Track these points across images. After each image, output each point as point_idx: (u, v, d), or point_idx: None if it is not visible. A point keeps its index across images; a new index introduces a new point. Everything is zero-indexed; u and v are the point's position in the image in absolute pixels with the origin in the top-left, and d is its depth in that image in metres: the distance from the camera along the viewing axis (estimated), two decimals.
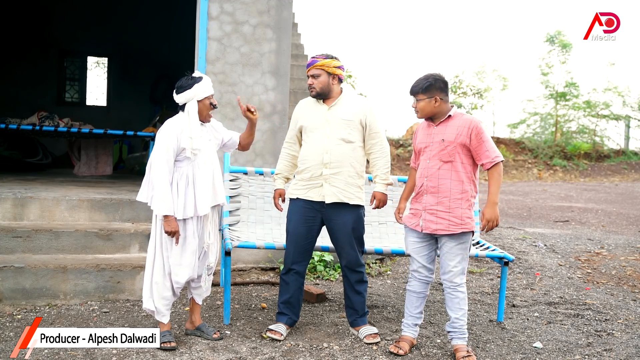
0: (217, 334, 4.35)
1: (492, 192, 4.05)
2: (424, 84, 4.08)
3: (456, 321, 4.15)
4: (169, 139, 4.04)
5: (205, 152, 4.16)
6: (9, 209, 5.77)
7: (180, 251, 4.11)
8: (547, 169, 18.74)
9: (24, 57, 11.67)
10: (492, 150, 4.05)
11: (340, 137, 4.31)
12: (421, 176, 4.15)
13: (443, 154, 4.06)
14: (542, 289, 6.06)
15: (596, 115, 21.17)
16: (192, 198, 4.08)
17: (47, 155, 10.00)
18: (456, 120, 4.10)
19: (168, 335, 4.16)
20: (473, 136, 4.03)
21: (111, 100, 13.02)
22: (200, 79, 4.14)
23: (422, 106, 4.10)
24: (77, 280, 5.07)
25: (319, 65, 4.32)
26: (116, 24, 11.86)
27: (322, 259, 6.38)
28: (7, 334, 4.33)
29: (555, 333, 4.77)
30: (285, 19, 6.36)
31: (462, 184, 4.06)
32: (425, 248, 4.19)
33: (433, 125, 4.15)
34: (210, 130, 4.30)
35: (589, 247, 8.02)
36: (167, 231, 4.02)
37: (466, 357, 4.06)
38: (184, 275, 4.13)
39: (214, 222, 4.33)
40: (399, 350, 4.15)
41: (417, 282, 4.24)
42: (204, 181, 4.12)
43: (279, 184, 4.63)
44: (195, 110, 4.11)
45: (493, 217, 4.03)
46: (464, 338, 4.16)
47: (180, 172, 4.09)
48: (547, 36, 21.44)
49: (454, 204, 4.04)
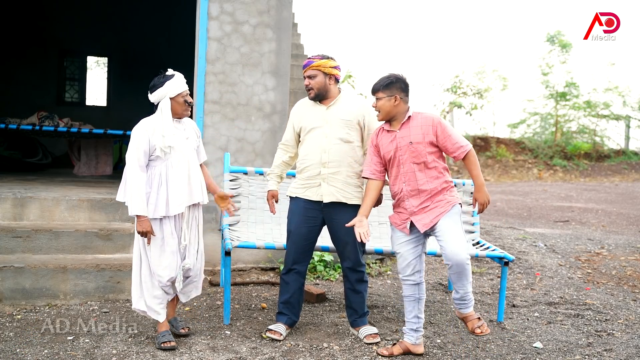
0: (184, 329, 4.33)
1: (476, 176, 4.06)
2: (385, 81, 4.10)
3: (461, 293, 4.04)
4: (139, 139, 4.05)
5: (181, 150, 4.13)
6: (9, 209, 5.77)
7: (159, 252, 4.10)
8: (547, 169, 18.74)
9: (24, 57, 11.66)
10: (460, 140, 4.06)
11: (339, 137, 4.31)
12: (398, 182, 4.12)
13: (414, 156, 4.04)
14: (542, 289, 6.06)
15: (596, 115, 21.15)
16: (165, 197, 4.06)
17: (47, 155, 9.99)
18: (417, 120, 4.09)
19: (167, 335, 4.15)
20: (439, 132, 4.04)
21: (111, 100, 13.01)
22: (172, 77, 4.15)
23: (382, 104, 4.07)
24: (77, 280, 5.07)
25: (315, 66, 4.32)
26: (116, 23, 11.85)
27: (322, 259, 6.37)
28: (7, 334, 4.33)
29: (555, 333, 4.77)
30: (285, 19, 6.36)
31: (438, 179, 4.08)
32: (411, 243, 4.15)
33: (394, 131, 4.12)
34: (188, 129, 4.28)
35: (589, 247, 8.02)
36: (139, 231, 4.02)
37: (480, 325, 4.03)
38: (165, 275, 4.10)
39: (195, 222, 4.27)
40: (384, 351, 4.14)
41: (405, 285, 4.19)
42: (178, 180, 4.09)
43: (272, 185, 4.62)
44: (168, 108, 4.11)
45: (485, 199, 4.07)
46: (470, 306, 4.08)
47: (153, 171, 4.08)
48: (547, 36, 21.43)
49: (437, 197, 4.06)
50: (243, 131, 6.24)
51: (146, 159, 4.06)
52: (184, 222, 4.17)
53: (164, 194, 4.06)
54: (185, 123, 4.28)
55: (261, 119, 6.26)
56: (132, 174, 4.01)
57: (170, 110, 4.12)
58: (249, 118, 6.25)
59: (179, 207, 4.09)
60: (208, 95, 6.14)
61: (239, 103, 6.22)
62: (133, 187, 3.99)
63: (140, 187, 3.99)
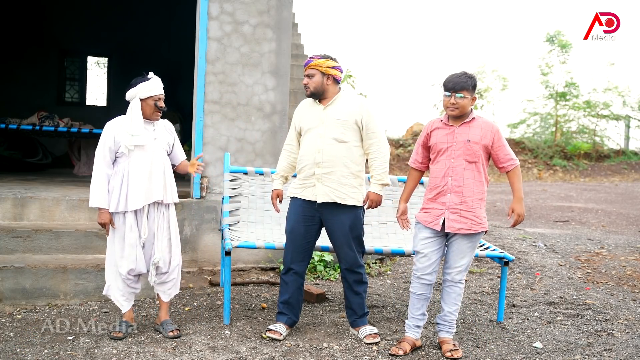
0: (173, 332, 4.38)
1: (518, 189, 4.19)
2: (472, 81, 4.11)
3: (448, 315, 4.26)
4: (105, 136, 4.27)
5: (147, 149, 4.29)
6: (9, 209, 5.77)
7: (121, 244, 4.30)
8: (547, 169, 18.73)
9: (24, 57, 11.66)
10: (511, 154, 4.20)
11: (333, 137, 4.30)
12: (444, 175, 4.15)
13: (469, 154, 4.10)
14: (542, 289, 6.06)
15: (596, 115, 21.13)
16: (125, 193, 4.24)
17: (47, 155, 10.00)
18: (478, 122, 4.16)
19: (122, 325, 4.35)
20: (496, 140, 4.13)
21: (111, 100, 13.00)
22: (147, 79, 4.33)
23: (465, 103, 4.09)
24: (77, 280, 5.07)
25: (313, 65, 4.33)
26: (116, 24, 11.84)
27: (322, 259, 6.38)
28: (7, 333, 4.33)
29: (555, 333, 4.77)
30: (285, 18, 6.36)
31: (482, 185, 4.16)
32: (436, 243, 4.21)
33: (453, 126, 4.16)
34: (159, 130, 4.42)
35: (589, 247, 8.02)
36: (99, 222, 4.28)
37: (453, 350, 4.16)
38: (124, 266, 4.28)
39: (162, 219, 4.39)
40: (399, 350, 4.16)
41: (419, 284, 4.24)
42: (138, 177, 4.25)
43: (276, 185, 4.62)
44: (138, 108, 4.29)
45: (522, 212, 4.18)
46: (451, 332, 4.28)
47: (118, 168, 4.27)
48: (547, 36, 21.39)
49: (476, 204, 4.12)
50: (243, 131, 6.24)
51: (112, 155, 4.28)
52: (144, 217, 4.31)
53: (125, 190, 4.24)
54: (156, 124, 4.42)
55: (261, 119, 6.26)
56: (96, 168, 4.25)
57: (139, 111, 4.29)
58: (249, 118, 6.26)
59: (137, 204, 4.25)
60: (208, 95, 6.15)
61: (239, 103, 6.23)
62: (95, 180, 4.24)
63: (102, 180, 4.23)
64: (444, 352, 4.18)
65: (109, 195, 4.24)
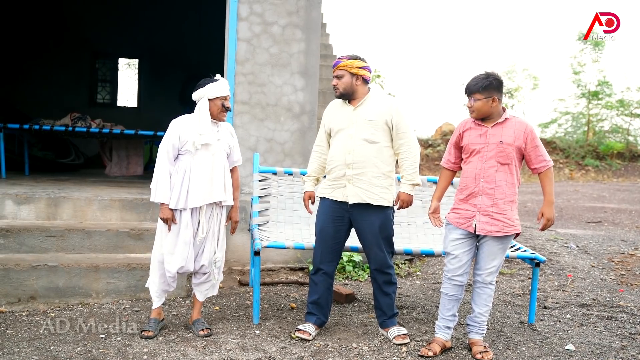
0: (204, 330, 4.41)
1: (549, 192, 4.12)
2: (484, 83, 4.03)
3: (479, 316, 4.23)
4: (170, 133, 4.31)
5: (210, 149, 4.34)
6: (42, 208, 5.87)
7: (174, 240, 4.32)
8: (579, 169, 18.48)
9: (57, 59, 11.86)
10: (545, 155, 4.11)
11: (364, 138, 4.29)
12: (476, 177, 4.11)
13: (501, 156, 4.05)
14: (574, 291, 5.98)
15: (630, 114, 20.82)
16: (186, 190, 4.28)
17: (80, 155, 10.15)
18: (512, 122, 4.09)
19: (151, 323, 4.37)
20: (529, 140, 4.06)
21: (142, 101, 13.18)
22: (215, 81, 4.36)
23: (479, 106, 4.05)
24: (109, 279, 5.14)
25: (342, 66, 4.32)
26: (146, 25, 11.98)
27: (351, 259, 6.37)
28: (42, 331, 4.40)
29: (588, 335, 4.70)
30: (314, 19, 6.36)
31: (514, 187, 4.11)
32: (467, 244, 4.17)
33: (486, 127, 4.11)
34: (223, 131, 4.46)
35: (623, 248, 7.88)
36: (161, 217, 4.30)
37: (483, 352, 4.14)
38: (174, 264, 4.32)
39: (215, 220, 4.44)
40: (428, 351, 4.13)
41: (450, 285, 4.21)
42: (201, 176, 4.29)
43: (308, 186, 4.63)
44: (206, 108, 4.33)
45: (552, 215, 4.11)
46: (482, 333, 4.26)
47: (180, 165, 4.30)
48: (579, 34, 21.13)
49: (507, 206, 4.07)
50: (272, 131, 6.27)
51: (175, 152, 4.32)
52: (202, 216, 4.34)
53: (185, 187, 4.28)
54: (220, 125, 4.45)
55: (290, 119, 6.28)
56: (158, 164, 4.29)
57: (207, 110, 4.32)
58: (278, 118, 6.27)
59: (196, 202, 4.28)
60: (237, 95, 6.18)
61: (268, 103, 6.25)
62: (158, 176, 4.28)
63: (164, 176, 4.27)
64: (474, 353, 4.15)
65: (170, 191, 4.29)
